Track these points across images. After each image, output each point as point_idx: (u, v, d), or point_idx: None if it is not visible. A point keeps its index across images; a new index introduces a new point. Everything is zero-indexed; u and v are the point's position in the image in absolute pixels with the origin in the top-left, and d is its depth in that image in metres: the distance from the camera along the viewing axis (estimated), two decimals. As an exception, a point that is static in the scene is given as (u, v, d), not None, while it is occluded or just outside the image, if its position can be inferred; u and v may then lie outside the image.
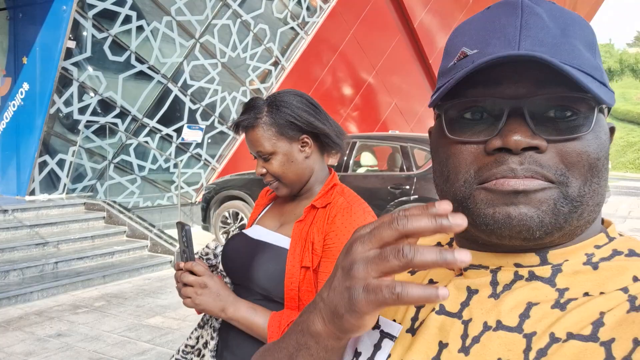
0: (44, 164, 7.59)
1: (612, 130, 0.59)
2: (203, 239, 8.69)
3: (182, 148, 9.44)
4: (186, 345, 1.44)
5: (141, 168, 8.93)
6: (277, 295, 1.30)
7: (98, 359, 3.94)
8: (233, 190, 7.62)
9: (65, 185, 7.87)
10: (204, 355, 1.42)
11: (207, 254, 1.41)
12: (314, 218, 1.32)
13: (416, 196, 6.12)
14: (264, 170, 1.37)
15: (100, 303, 5.33)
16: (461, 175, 0.55)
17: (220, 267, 1.42)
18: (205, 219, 8.03)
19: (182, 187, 9.61)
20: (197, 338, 1.43)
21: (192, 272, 1.27)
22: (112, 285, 5.97)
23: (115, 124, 8.26)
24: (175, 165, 8.80)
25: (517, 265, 0.55)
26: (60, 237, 6.51)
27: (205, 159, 9.98)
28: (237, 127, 1.39)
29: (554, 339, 0.49)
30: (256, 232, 1.43)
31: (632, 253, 0.54)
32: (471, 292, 0.57)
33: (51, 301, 5.34)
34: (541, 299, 0.53)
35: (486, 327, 0.53)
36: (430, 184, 6.06)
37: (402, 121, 14.92)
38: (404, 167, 6.43)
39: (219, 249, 1.43)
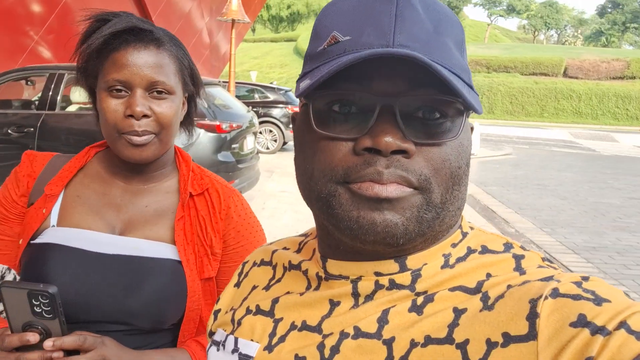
0: None
1: (471, 130, 0.59)
2: None
3: None
4: None
5: None
6: (162, 323, 1.00)
7: None
8: None
9: None
10: None
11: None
12: (196, 212, 1.04)
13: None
14: (148, 112, 0.95)
15: None
16: (328, 173, 0.52)
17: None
18: None
19: None
20: None
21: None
22: None
23: None
24: None
25: (377, 274, 0.55)
26: None
27: None
28: (114, 36, 0.94)
29: (413, 344, 0.50)
30: (90, 241, 0.99)
31: (484, 250, 0.56)
32: (333, 304, 0.57)
33: None
34: (398, 302, 0.54)
35: (344, 336, 0.53)
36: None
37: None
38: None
39: (9, 275, 1.04)
